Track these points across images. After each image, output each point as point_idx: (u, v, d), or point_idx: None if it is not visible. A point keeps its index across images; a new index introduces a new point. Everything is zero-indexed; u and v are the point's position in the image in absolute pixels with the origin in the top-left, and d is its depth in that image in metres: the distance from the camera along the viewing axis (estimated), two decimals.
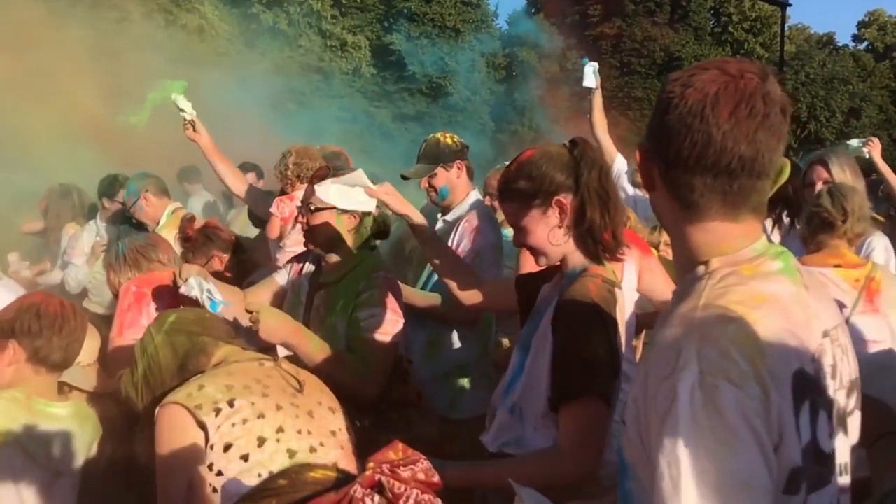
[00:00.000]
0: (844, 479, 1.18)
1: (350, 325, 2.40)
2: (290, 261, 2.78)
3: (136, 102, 3.68)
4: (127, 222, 4.46)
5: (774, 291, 1.11)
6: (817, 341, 1.12)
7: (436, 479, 0.90)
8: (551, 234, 1.88)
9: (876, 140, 4.43)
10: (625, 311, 1.91)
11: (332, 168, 2.56)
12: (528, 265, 2.27)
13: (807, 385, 1.06)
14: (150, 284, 2.72)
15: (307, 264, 2.65)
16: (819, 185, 3.21)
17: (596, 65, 4.73)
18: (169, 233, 3.99)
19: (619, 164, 4.86)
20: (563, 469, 1.74)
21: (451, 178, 3.14)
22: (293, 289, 2.64)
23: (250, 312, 2.21)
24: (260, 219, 4.18)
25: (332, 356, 2.31)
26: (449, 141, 3.18)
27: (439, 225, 3.19)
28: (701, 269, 1.16)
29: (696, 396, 1.01)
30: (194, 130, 3.70)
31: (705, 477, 0.98)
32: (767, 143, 1.11)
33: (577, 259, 1.90)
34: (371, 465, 0.87)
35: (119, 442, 2.22)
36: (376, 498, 0.85)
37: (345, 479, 0.88)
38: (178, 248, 3.43)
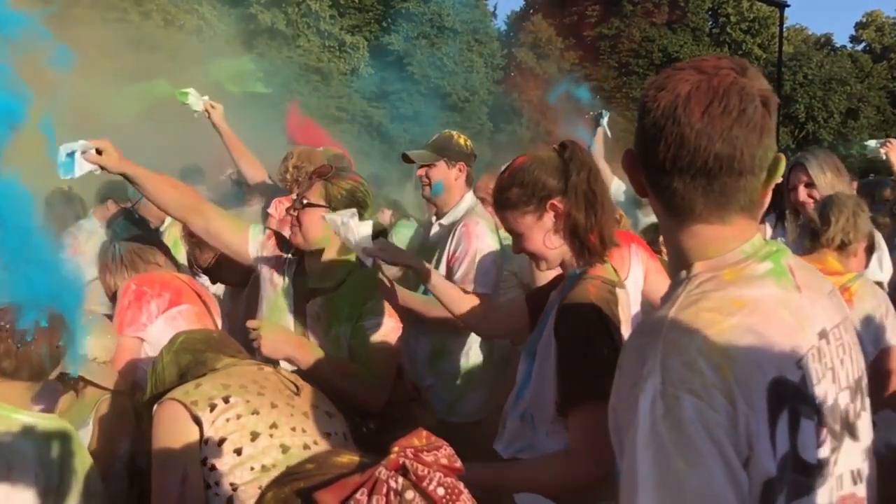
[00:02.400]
0: (860, 488, 1.14)
1: (354, 334, 2.35)
2: (268, 250, 2.61)
3: (136, 102, 3.67)
4: (128, 220, 4.44)
5: (756, 296, 1.07)
6: (809, 344, 1.08)
7: (458, 464, 0.92)
8: (547, 238, 1.89)
9: (894, 142, 4.44)
10: (628, 308, 1.91)
11: (335, 168, 2.53)
12: (544, 278, 2.25)
13: (786, 393, 1.02)
14: (151, 283, 2.73)
15: (289, 260, 2.54)
16: (801, 189, 3.24)
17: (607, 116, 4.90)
18: (174, 233, 3.99)
19: (615, 190, 4.95)
20: (578, 472, 1.74)
21: (449, 176, 3.09)
22: (273, 286, 2.53)
23: (252, 329, 2.21)
24: None
25: (338, 368, 2.27)
26: (461, 141, 3.13)
27: (435, 229, 3.14)
28: (683, 273, 1.13)
29: (658, 408, 0.99)
30: (210, 118, 3.72)
31: (663, 490, 0.97)
32: (746, 139, 1.07)
33: (572, 261, 1.91)
34: (395, 449, 0.90)
35: (131, 440, 2.29)
36: (400, 480, 0.87)
37: (370, 464, 0.90)
38: (183, 246, 3.42)
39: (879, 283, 3.33)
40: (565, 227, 1.87)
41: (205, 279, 3.34)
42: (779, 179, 1.15)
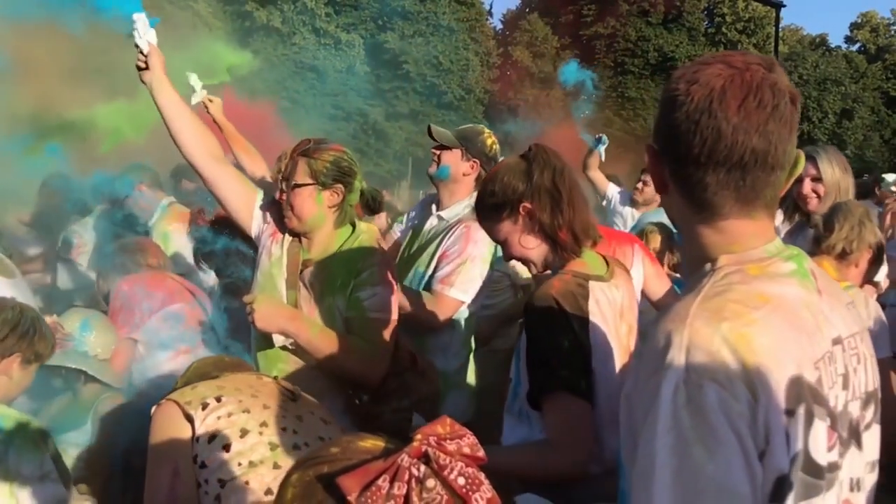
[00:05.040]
0: (857, 496, 1.14)
1: (351, 306, 2.31)
2: (270, 221, 2.56)
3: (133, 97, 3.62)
4: (115, 218, 4.40)
5: (780, 293, 1.08)
6: (825, 348, 1.08)
7: (480, 453, 0.93)
8: (522, 240, 1.93)
9: None
10: (609, 301, 1.91)
11: (314, 142, 2.48)
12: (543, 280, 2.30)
13: (803, 392, 1.02)
14: (142, 284, 2.73)
15: (286, 233, 2.49)
16: (806, 181, 3.22)
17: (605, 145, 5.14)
18: (167, 226, 3.99)
19: (611, 192, 5.11)
20: (552, 462, 1.77)
21: (460, 168, 2.98)
22: (268, 255, 2.48)
23: (247, 303, 2.20)
24: None
25: (335, 341, 2.23)
26: (487, 140, 3.02)
27: (433, 222, 3.05)
28: (707, 266, 1.13)
29: (680, 395, 0.98)
30: (208, 111, 3.63)
31: (680, 477, 0.96)
32: (779, 134, 1.08)
33: (553, 259, 1.95)
34: (419, 436, 0.90)
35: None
36: (422, 468, 0.88)
37: (394, 450, 0.91)
38: (183, 242, 3.41)
39: (876, 284, 3.33)
40: (538, 227, 1.91)
41: (207, 276, 3.33)
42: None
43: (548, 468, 1.78)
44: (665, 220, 3.60)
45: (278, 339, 2.30)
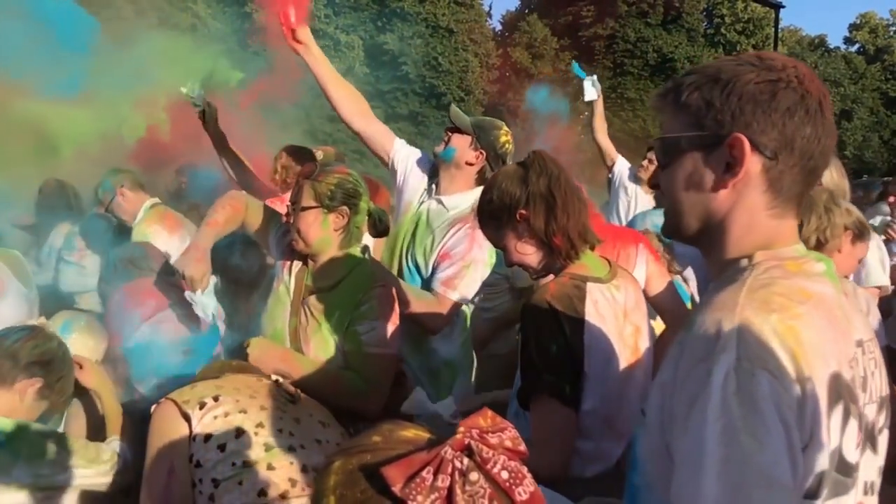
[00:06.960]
0: (870, 500, 1.14)
1: (348, 340, 2.31)
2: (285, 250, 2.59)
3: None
4: (100, 222, 4.39)
5: (819, 291, 1.09)
6: (853, 349, 1.10)
7: (522, 447, 0.94)
8: (519, 247, 1.95)
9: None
10: (609, 301, 1.91)
11: (319, 165, 2.50)
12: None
13: (842, 389, 1.03)
14: (134, 292, 2.72)
15: (296, 259, 2.51)
16: None
17: (594, 77, 4.99)
18: (147, 228, 3.98)
19: (620, 166, 5.18)
20: (530, 462, 1.78)
21: (466, 155, 2.94)
22: (279, 280, 2.51)
23: (245, 346, 2.23)
24: None
25: (327, 377, 2.25)
26: (501, 137, 2.97)
27: (432, 204, 2.99)
28: (744, 261, 1.13)
29: (730, 381, 0.97)
30: (204, 120, 3.62)
31: (728, 466, 0.95)
32: None
33: (551, 264, 1.96)
34: (462, 429, 0.90)
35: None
36: (465, 460, 0.88)
37: (436, 441, 0.91)
38: (162, 244, 3.40)
39: (882, 287, 3.31)
40: (533, 233, 1.93)
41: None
42: None
43: (533, 468, 1.79)
44: (659, 222, 3.58)
45: (275, 377, 2.32)
